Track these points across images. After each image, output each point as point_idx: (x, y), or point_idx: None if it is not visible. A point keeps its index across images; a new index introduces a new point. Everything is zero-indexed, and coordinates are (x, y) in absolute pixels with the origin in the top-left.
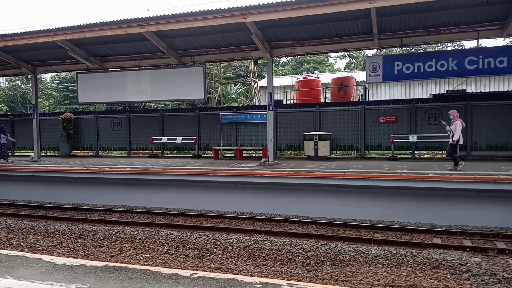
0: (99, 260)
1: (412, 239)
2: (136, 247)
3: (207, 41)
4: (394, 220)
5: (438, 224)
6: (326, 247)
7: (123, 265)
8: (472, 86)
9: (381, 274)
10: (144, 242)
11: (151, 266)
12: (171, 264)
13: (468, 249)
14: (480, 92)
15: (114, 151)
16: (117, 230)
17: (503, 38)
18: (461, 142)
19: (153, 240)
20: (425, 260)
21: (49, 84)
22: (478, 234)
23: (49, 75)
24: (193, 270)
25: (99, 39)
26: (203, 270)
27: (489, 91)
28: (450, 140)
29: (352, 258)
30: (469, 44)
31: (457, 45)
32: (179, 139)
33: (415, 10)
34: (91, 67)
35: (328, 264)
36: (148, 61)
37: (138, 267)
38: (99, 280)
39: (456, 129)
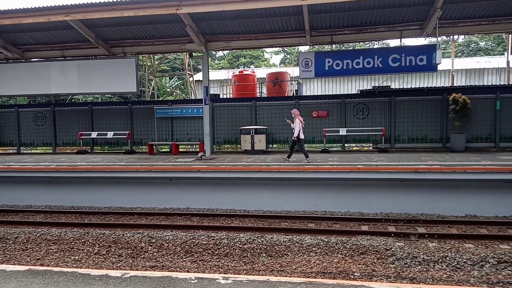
0: (22, 264)
1: (342, 227)
2: (63, 249)
3: (139, 32)
4: (326, 210)
5: (365, 212)
6: (262, 239)
7: (49, 268)
8: (396, 83)
9: (314, 262)
10: (73, 243)
11: (80, 268)
12: (102, 265)
13: (392, 234)
14: (403, 88)
15: (38, 148)
16: (43, 232)
17: (423, 38)
18: (302, 137)
19: (83, 240)
20: (354, 246)
21: None
22: (401, 221)
23: None
24: (126, 269)
25: (19, 27)
26: (136, 269)
27: (411, 87)
28: (293, 136)
29: (287, 248)
30: (394, 43)
31: (383, 44)
32: (110, 134)
33: (344, 9)
34: (11, 56)
35: (264, 255)
36: (75, 51)
37: (65, 269)
38: (20, 286)
39: (296, 126)
